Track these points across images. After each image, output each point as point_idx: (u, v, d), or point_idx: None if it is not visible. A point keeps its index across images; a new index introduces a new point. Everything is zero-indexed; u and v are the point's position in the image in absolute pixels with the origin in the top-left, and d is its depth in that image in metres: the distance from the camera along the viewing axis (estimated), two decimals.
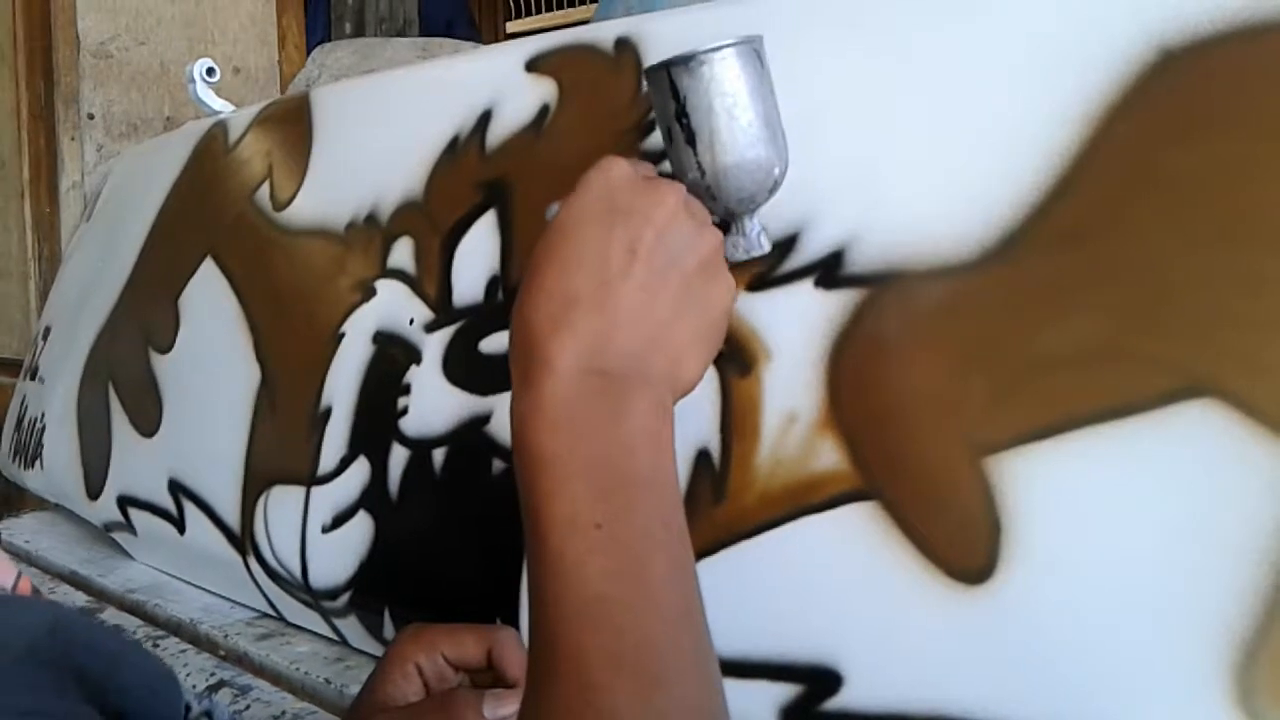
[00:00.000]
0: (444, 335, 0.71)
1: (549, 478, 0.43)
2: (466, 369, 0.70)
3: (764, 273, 0.55)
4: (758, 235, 0.53)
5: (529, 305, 0.47)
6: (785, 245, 0.55)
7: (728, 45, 0.50)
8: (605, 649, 0.40)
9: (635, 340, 0.46)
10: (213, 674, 0.78)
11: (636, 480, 0.44)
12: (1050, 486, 0.46)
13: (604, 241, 0.47)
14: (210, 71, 1.14)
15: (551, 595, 0.41)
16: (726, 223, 0.53)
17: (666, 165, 0.54)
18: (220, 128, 1.03)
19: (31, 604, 0.39)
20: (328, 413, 0.78)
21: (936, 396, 0.49)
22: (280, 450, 0.83)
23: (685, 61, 0.50)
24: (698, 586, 0.44)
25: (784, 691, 0.52)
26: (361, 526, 0.74)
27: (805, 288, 0.54)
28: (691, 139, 0.51)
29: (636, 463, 0.44)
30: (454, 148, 0.75)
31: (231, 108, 1.12)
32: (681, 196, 0.49)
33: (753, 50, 0.51)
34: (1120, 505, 0.45)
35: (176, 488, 0.94)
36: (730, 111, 0.50)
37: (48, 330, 1.32)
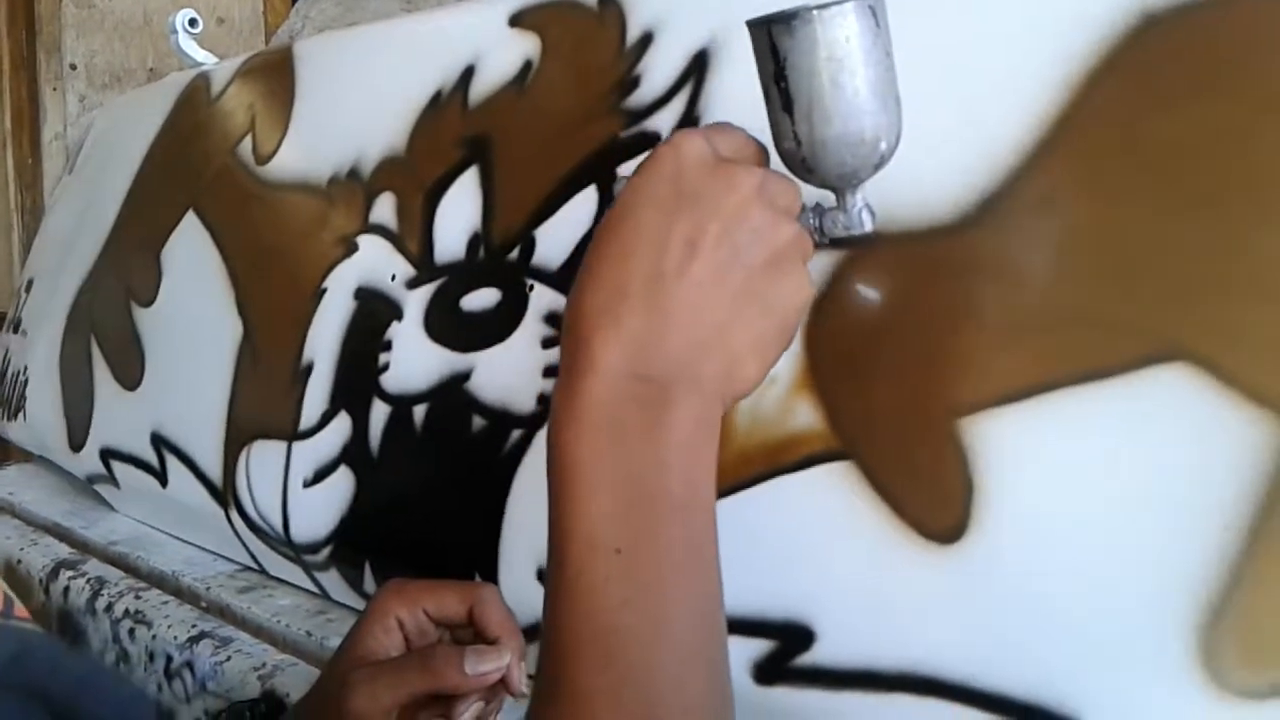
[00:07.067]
0: (425, 292, 0.71)
1: (575, 486, 0.42)
2: (448, 326, 0.70)
3: None
4: (859, 212, 0.46)
5: (582, 290, 0.44)
6: None
7: (838, 2, 0.43)
8: (610, 687, 0.39)
9: (686, 343, 0.42)
10: (194, 626, 0.79)
11: (667, 500, 0.41)
12: (1023, 448, 0.47)
13: (663, 230, 0.42)
14: (193, 22, 1.13)
15: (564, 619, 0.40)
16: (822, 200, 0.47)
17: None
18: (203, 80, 1.02)
19: None
20: (309, 368, 0.78)
21: (912, 358, 0.49)
22: (262, 405, 0.83)
23: (787, 20, 0.43)
24: (721, 615, 0.42)
25: (757, 647, 0.52)
26: (342, 481, 0.74)
27: None
28: (789, 105, 0.44)
29: (669, 481, 0.41)
30: (437, 103, 0.74)
31: (214, 59, 1.11)
32: (758, 183, 0.44)
33: (868, 8, 0.43)
34: (1091, 467, 0.45)
35: (159, 441, 0.94)
36: (834, 78, 0.43)
37: (30, 282, 1.31)
